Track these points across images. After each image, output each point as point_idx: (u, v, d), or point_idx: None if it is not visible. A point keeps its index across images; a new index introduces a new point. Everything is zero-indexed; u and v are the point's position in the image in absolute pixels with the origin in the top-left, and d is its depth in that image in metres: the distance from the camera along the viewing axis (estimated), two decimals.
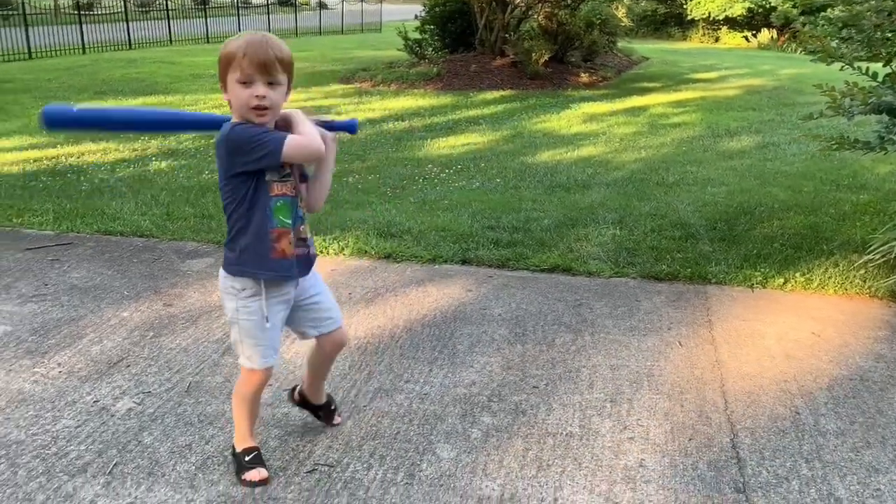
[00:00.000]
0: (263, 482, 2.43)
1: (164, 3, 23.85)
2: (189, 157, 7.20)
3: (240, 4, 28.08)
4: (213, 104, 10.29)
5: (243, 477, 2.45)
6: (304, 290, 2.43)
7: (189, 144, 7.79)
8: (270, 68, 2.16)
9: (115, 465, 2.53)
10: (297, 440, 2.70)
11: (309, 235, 2.40)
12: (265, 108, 2.17)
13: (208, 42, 22.81)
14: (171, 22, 22.53)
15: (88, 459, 2.56)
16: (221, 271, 2.36)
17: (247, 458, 2.48)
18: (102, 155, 7.23)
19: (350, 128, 2.46)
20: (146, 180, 6.31)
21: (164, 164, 6.86)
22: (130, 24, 20.39)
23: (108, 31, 19.42)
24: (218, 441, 2.67)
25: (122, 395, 2.97)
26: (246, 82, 2.16)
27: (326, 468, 2.54)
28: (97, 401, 2.92)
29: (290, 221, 2.28)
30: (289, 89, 2.25)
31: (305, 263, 2.39)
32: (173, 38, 22.04)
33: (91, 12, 21.93)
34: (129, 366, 3.20)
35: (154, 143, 7.78)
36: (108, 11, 21.48)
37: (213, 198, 5.69)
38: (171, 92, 11.52)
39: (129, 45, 19.91)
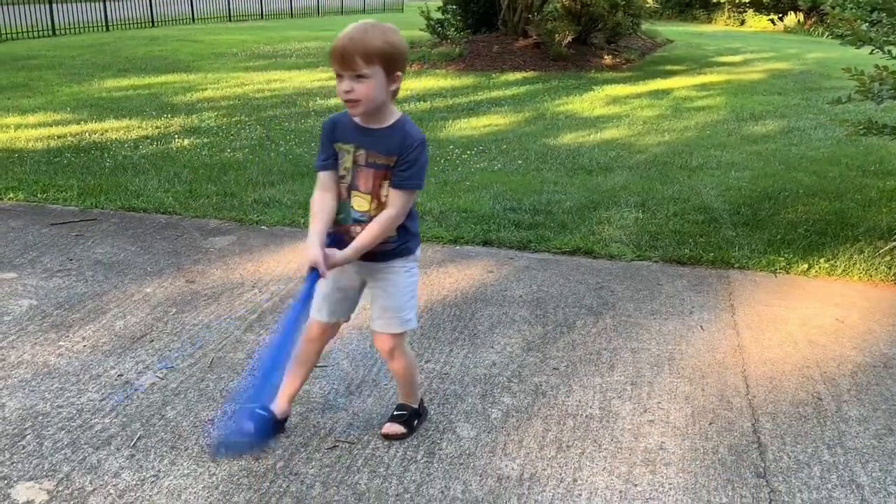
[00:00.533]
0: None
1: None
2: (211, 135, 7.23)
3: None
4: (234, 83, 10.31)
5: None
6: (369, 278, 2.46)
7: (211, 122, 7.82)
8: (349, 63, 2.16)
9: (138, 438, 2.56)
10: (319, 417, 2.71)
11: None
12: (354, 101, 2.22)
13: (230, 20, 22.85)
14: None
15: (113, 432, 2.59)
16: None
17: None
18: (126, 132, 7.27)
19: None
20: (169, 157, 6.34)
21: (186, 142, 6.89)
22: (153, 1, 20.41)
23: (131, 9, 19.46)
24: None
25: (145, 370, 3.00)
26: (338, 75, 2.22)
27: (347, 445, 2.56)
28: (121, 375, 2.96)
29: (342, 216, 2.36)
30: (392, 79, 2.23)
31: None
32: (196, 16, 22.07)
33: None
34: (152, 341, 3.24)
35: (177, 121, 7.82)
36: None
37: (235, 176, 5.72)
38: (194, 70, 11.54)
39: (152, 22, 19.97)
